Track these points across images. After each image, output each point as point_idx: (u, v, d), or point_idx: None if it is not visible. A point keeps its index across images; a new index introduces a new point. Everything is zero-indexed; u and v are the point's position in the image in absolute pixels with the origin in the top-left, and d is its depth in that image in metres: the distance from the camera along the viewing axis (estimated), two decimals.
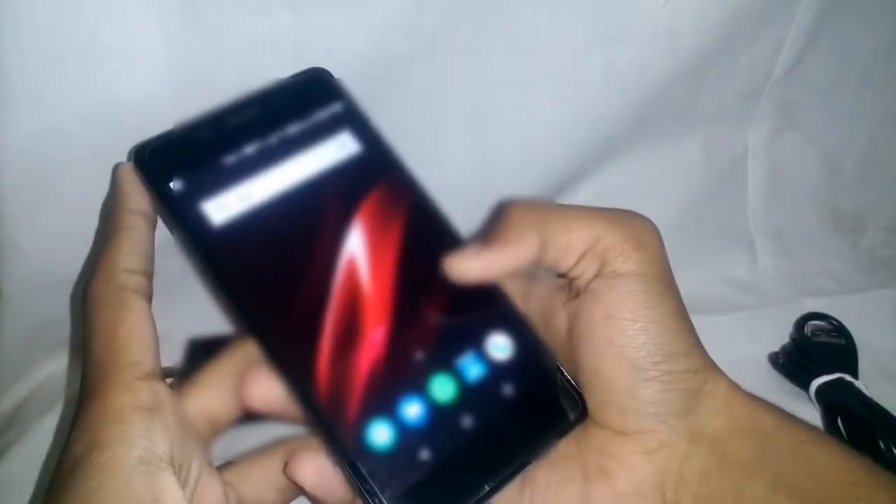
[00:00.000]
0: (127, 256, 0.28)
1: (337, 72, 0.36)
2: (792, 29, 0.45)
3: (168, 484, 0.25)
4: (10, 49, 0.31)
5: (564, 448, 0.30)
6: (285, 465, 0.28)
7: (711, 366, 0.29)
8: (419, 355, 0.30)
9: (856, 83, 0.49)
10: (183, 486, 0.26)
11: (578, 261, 0.29)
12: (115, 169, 0.31)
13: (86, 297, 0.28)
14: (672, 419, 0.29)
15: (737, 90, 0.46)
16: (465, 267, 0.30)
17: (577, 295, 0.30)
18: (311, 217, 0.31)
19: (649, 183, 0.46)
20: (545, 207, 0.31)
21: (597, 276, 0.29)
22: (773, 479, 0.28)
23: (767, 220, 0.49)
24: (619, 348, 0.29)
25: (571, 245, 0.29)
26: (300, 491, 0.30)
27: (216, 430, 0.29)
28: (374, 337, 0.30)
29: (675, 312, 0.29)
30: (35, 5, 0.30)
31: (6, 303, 0.38)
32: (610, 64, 0.41)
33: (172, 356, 0.36)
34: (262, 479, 0.29)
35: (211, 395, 0.28)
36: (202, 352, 0.30)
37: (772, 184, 0.49)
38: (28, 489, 0.36)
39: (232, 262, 0.29)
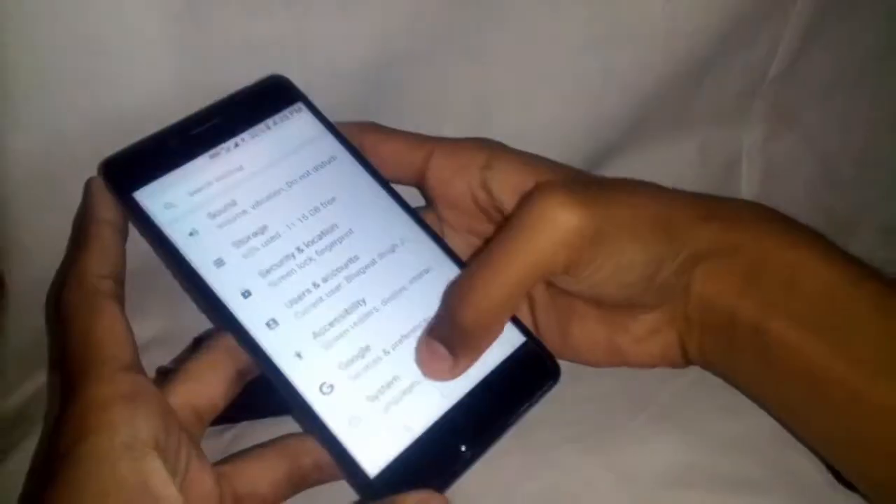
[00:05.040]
0: (97, 263, 0.29)
1: (338, 74, 0.37)
2: (787, 30, 0.45)
3: (155, 468, 0.26)
4: (14, 51, 0.31)
5: (584, 312, 0.35)
6: None
7: (693, 233, 0.32)
8: (393, 331, 0.31)
9: (851, 84, 0.49)
10: (172, 474, 0.26)
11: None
12: (86, 183, 0.32)
13: (59, 304, 0.29)
14: (667, 290, 0.32)
15: (732, 91, 0.46)
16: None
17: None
18: (279, 217, 0.32)
19: None
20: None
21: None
22: (762, 304, 0.31)
23: None
24: (604, 293, 0.32)
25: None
26: (295, 486, 0.31)
27: (203, 420, 0.29)
28: (348, 319, 0.31)
29: (645, 255, 0.31)
30: (38, 8, 0.31)
31: (12, 303, 0.38)
32: (609, 65, 0.41)
33: (174, 356, 0.37)
34: (258, 473, 0.30)
35: (195, 385, 0.29)
36: None
37: (767, 185, 0.49)
38: None
39: (203, 264, 0.30)
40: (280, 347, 0.30)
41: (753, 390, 0.34)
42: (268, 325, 0.30)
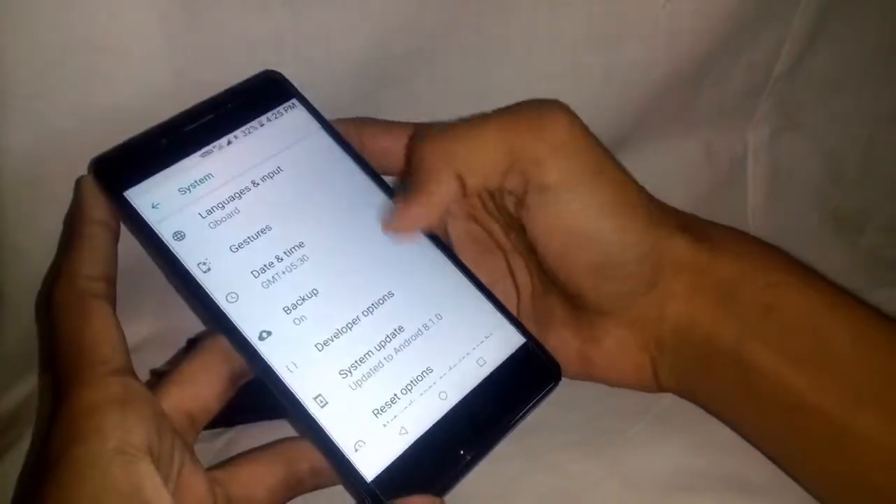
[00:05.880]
0: (87, 263, 0.29)
1: (337, 71, 0.37)
2: (792, 28, 0.45)
3: (147, 473, 0.25)
4: (10, 50, 0.31)
5: (562, 319, 0.34)
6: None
7: (666, 232, 0.32)
8: (391, 334, 0.31)
9: (856, 83, 0.49)
10: (164, 479, 0.26)
11: (504, 178, 0.31)
12: (77, 182, 0.32)
13: (49, 305, 0.29)
14: (639, 297, 0.32)
15: (737, 90, 0.45)
16: (399, 226, 0.32)
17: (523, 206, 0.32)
18: (270, 215, 0.32)
19: (649, 183, 0.46)
20: (451, 136, 0.32)
21: (527, 190, 0.31)
22: (738, 327, 0.31)
23: (768, 219, 0.49)
24: (570, 259, 0.32)
25: (487, 169, 0.31)
26: (292, 492, 0.30)
27: (196, 424, 0.29)
28: (343, 322, 0.30)
29: (613, 203, 0.31)
30: (34, 6, 0.30)
31: (6, 304, 0.37)
32: (610, 64, 0.41)
33: (167, 358, 0.37)
34: (253, 478, 0.29)
35: (189, 388, 0.29)
36: None
37: (772, 184, 0.49)
38: None
39: (194, 262, 0.30)
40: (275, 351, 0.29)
41: (733, 418, 0.34)
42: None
